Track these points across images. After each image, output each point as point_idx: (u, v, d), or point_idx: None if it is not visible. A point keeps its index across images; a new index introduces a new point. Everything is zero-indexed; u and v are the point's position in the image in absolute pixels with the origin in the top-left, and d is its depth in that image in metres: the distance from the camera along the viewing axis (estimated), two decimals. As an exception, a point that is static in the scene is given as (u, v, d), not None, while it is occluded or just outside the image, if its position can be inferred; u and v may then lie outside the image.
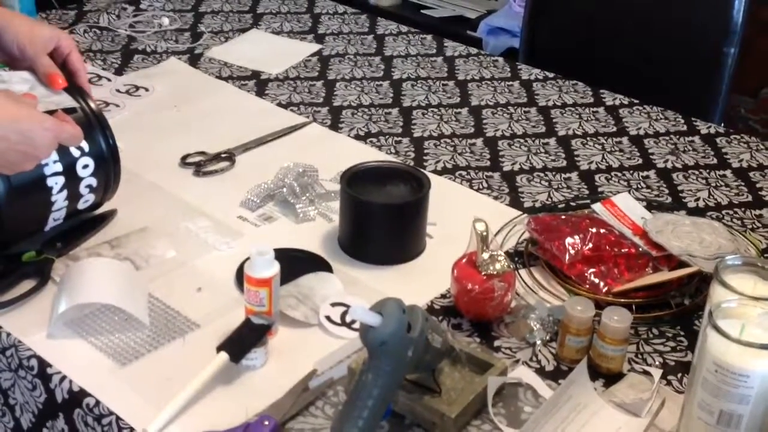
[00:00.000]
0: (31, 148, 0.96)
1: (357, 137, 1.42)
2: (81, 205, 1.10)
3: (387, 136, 1.43)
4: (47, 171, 1.03)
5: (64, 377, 0.94)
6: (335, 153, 1.36)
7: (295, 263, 1.09)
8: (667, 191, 1.32)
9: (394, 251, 1.14)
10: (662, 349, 1.01)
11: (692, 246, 1.08)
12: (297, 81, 1.59)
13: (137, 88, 1.52)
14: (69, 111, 1.05)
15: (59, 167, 1.04)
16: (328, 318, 1.03)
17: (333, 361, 0.97)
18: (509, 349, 1.01)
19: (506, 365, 0.95)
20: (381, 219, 1.13)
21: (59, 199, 1.06)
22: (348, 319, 1.03)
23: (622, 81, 1.64)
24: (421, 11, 2.79)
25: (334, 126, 1.45)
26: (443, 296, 1.08)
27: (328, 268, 1.11)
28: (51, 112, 1.01)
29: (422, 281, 1.11)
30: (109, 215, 1.17)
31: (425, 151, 1.40)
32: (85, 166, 1.07)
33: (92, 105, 1.10)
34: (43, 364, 0.96)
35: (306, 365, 0.96)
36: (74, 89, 1.10)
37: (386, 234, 1.14)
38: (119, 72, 1.58)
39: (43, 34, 1.11)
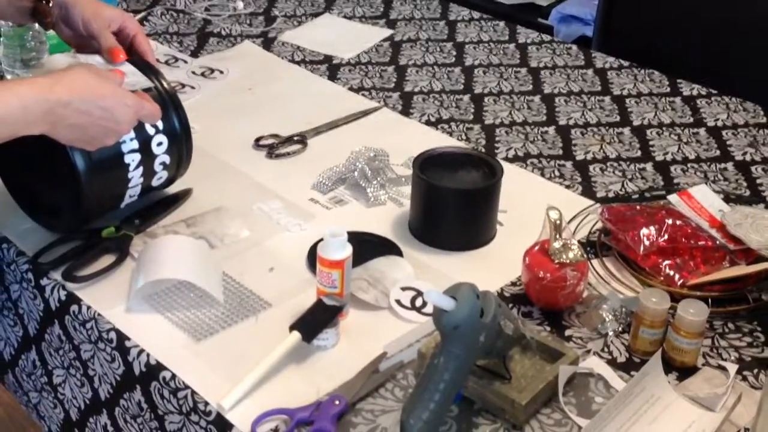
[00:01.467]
0: (112, 123, 0.99)
1: (428, 123, 1.42)
2: (155, 182, 1.12)
3: (458, 123, 1.43)
4: (125, 148, 1.06)
5: (141, 350, 0.97)
6: (406, 138, 1.37)
7: (366, 247, 1.09)
8: (745, 184, 1.29)
9: (465, 237, 1.14)
10: (738, 344, 1.00)
11: (772, 240, 1.05)
12: (369, 66, 1.59)
13: (212, 70, 1.55)
14: (144, 91, 1.07)
15: (136, 144, 1.07)
16: (398, 302, 1.03)
17: (403, 344, 0.98)
18: (580, 339, 1.00)
19: (578, 355, 0.94)
20: (453, 204, 1.13)
21: (135, 176, 1.08)
22: (421, 302, 1.03)
23: (699, 71, 1.61)
24: (492, -2, 2.77)
25: (405, 111, 1.45)
26: (513, 284, 1.08)
27: (398, 252, 1.12)
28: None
29: (492, 268, 1.10)
30: (185, 194, 1.19)
31: (496, 138, 1.39)
32: (160, 144, 1.09)
33: (165, 84, 1.12)
34: (121, 337, 0.99)
35: (376, 347, 0.97)
36: (148, 69, 1.12)
37: (457, 220, 1.13)
38: (195, 54, 1.61)
39: (107, 13, 1.14)
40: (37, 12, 1.15)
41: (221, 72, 1.54)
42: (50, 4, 1.14)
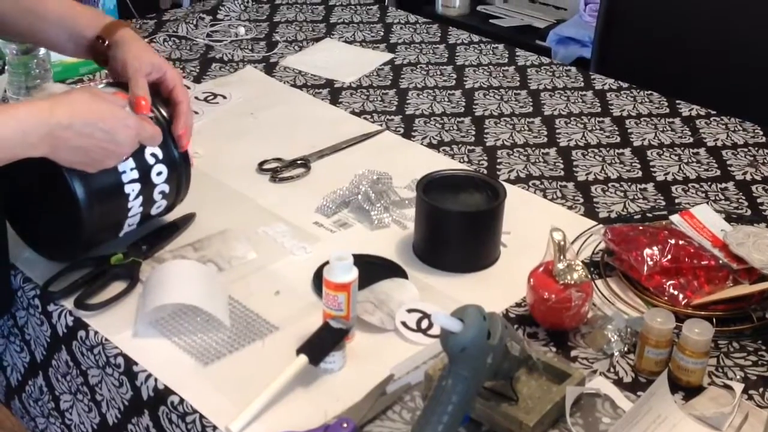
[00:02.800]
0: (113, 145, 0.99)
1: (430, 145, 1.44)
2: (154, 210, 1.12)
3: (460, 145, 1.44)
4: (125, 178, 1.06)
5: (149, 375, 0.97)
6: (408, 161, 1.38)
7: (371, 269, 1.10)
8: (746, 204, 1.30)
9: (469, 259, 1.15)
10: (743, 363, 1.00)
11: (774, 259, 1.06)
12: (370, 89, 1.60)
13: (215, 95, 1.56)
14: None
15: (136, 174, 1.07)
16: (404, 324, 1.04)
17: (409, 366, 0.98)
18: (586, 359, 1.00)
19: (584, 375, 0.94)
20: (457, 227, 1.14)
21: (135, 205, 1.08)
22: (426, 324, 1.03)
23: (698, 92, 1.62)
24: (490, 21, 2.79)
25: (407, 134, 1.47)
26: (518, 305, 1.08)
27: (403, 274, 1.12)
28: None
29: (497, 289, 1.11)
30: (189, 219, 1.20)
31: (498, 160, 1.40)
32: (159, 173, 1.09)
33: (163, 112, 1.11)
34: (129, 361, 0.99)
35: (382, 370, 0.97)
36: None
37: (462, 242, 1.14)
38: (197, 80, 1.62)
39: (149, 59, 1.11)
40: (94, 49, 1.15)
41: (224, 97, 1.56)
42: (105, 43, 1.13)
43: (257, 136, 1.45)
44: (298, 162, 1.37)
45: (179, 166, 1.12)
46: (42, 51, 1.44)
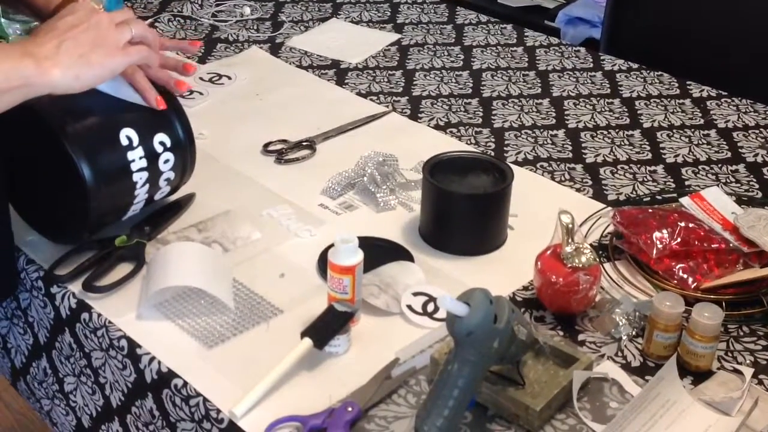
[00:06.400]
0: (95, 30, 0.94)
1: (436, 127, 1.42)
2: (157, 195, 1.12)
3: (467, 127, 1.42)
4: (133, 167, 1.05)
5: (153, 358, 0.96)
6: (415, 143, 1.36)
7: (377, 252, 1.09)
8: (757, 186, 1.28)
9: (476, 242, 1.13)
10: (753, 348, 0.99)
11: (786, 242, 1.05)
12: (376, 70, 1.59)
13: (220, 76, 1.55)
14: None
15: (144, 163, 1.05)
16: (409, 307, 1.03)
17: (415, 350, 0.97)
18: (593, 343, 0.99)
19: (592, 359, 0.93)
20: (463, 209, 1.13)
21: (141, 193, 1.08)
22: (432, 308, 1.02)
23: (709, 72, 1.60)
24: (498, 1, 2.76)
25: (414, 116, 1.45)
26: (525, 288, 1.07)
27: (409, 257, 1.11)
28: (146, 112, 1.05)
29: (504, 273, 1.10)
30: (189, 199, 1.18)
31: (506, 141, 1.38)
32: (166, 161, 1.08)
33: (170, 95, 1.09)
34: (132, 344, 0.98)
35: (387, 353, 0.96)
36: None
37: (468, 224, 1.13)
38: (202, 60, 1.61)
39: None
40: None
41: (229, 78, 1.54)
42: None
43: (262, 118, 1.43)
44: (304, 143, 1.35)
45: (185, 151, 1.11)
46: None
